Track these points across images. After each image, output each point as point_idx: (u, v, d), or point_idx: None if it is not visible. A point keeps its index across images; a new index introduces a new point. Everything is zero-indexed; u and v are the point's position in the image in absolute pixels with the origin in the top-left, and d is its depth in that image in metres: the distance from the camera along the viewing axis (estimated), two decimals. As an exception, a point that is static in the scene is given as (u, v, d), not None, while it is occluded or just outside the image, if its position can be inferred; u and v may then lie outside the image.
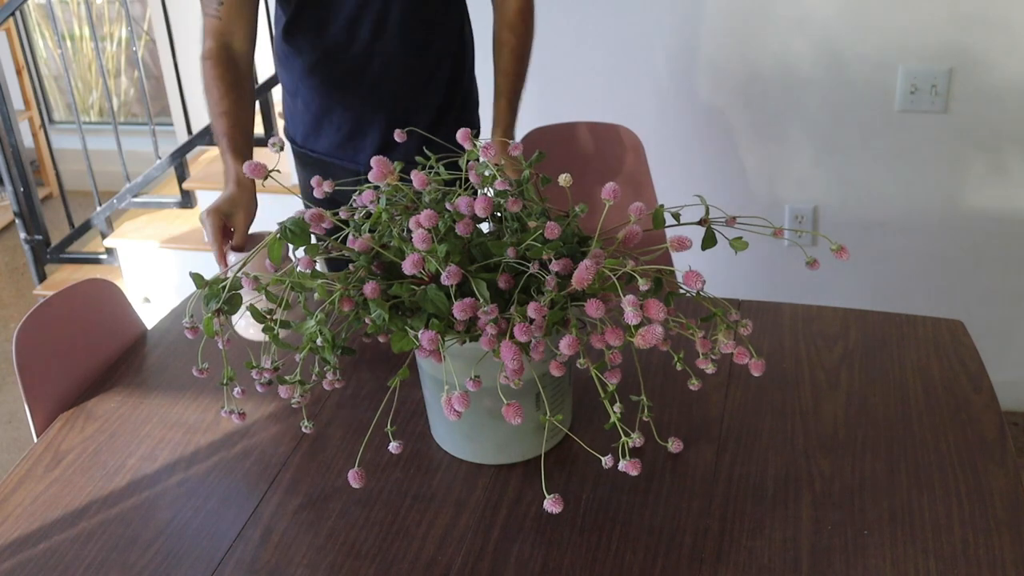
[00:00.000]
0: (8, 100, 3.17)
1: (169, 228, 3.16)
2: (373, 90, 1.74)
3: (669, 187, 2.38)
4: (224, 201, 1.51)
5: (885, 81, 2.25)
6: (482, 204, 1.13)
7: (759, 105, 2.37)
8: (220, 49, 1.58)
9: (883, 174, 2.36)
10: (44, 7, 4.33)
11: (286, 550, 1.19)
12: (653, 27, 2.34)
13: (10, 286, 3.71)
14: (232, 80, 1.58)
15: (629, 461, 1.06)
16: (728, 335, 1.13)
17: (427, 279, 1.11)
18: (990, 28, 2.15)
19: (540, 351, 1.06)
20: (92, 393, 1.52)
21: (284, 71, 1.80)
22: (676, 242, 1.12)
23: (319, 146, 1.82)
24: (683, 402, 1.40)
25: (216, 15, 1.58)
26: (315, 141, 1.82)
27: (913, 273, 2.46)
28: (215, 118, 1.57)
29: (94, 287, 1.64)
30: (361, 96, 1.75)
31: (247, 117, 1.60)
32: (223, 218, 1.48)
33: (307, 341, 1.14)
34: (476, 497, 1.25)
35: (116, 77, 4.53)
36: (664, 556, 1.14)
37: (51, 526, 1.25)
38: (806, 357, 1.49)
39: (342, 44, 1.69)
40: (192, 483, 1.31)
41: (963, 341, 1.50)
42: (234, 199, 1.53)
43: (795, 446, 1.30)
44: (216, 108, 1.57)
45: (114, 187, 3.34)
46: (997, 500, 1.19)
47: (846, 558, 1.12)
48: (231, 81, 1.58)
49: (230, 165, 1.56)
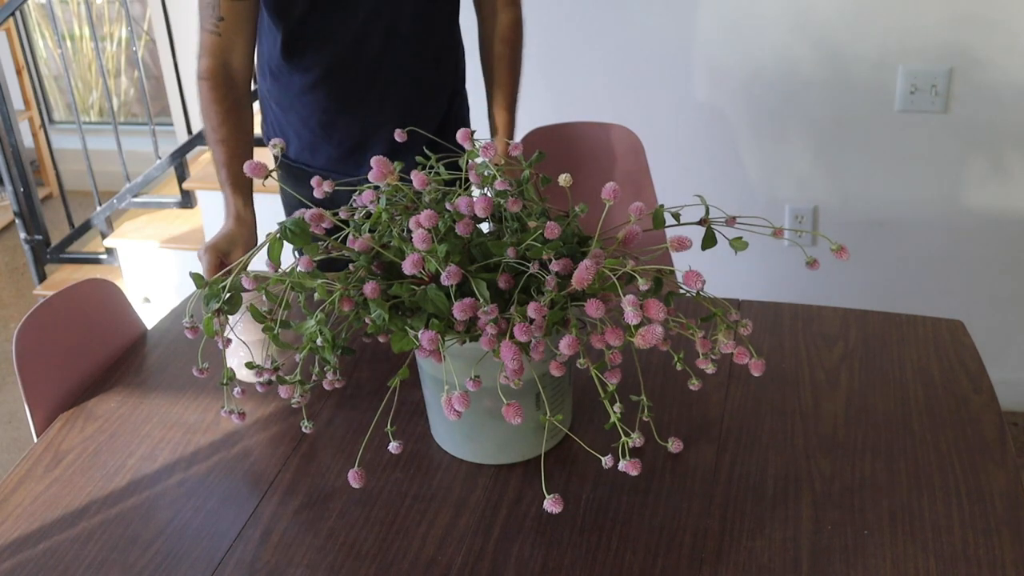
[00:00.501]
0: (8, 100, 3.17)
1: (169, 228, 3.16)
2: (381, 102, 1.72)
3: (669, 187, 2.38)
4: (221, 238, 1.50)
5: (885, 81, 2.25)
6: (482, 204, 1.13)
7: (759, 105, 2.37)
8: (219, 68, 1.54)
9: (883, 174, 2.36)
10: (44, 7, 4.33)
11: (286, 550, 1.19)
12: (653, 27, 2.34)
13: (10, 286, 3.71)
14: (231, 104, 1.55)
15: (629, 461, 1.07)
16: (728, 335, 1.13)
17: (427, 279, 1.11)
18: (990, 28, 2.15)
19: (540, 351, 1.06)
20: (92, 393, 1.52)
21: (277, 88, 1.75)
22: (676, 242, 1.12)
23: (317, 161, 1.79)
24: (683, 402, 1.40)
25: (216, 31, 1.53)
26: (311, 156, 1.79)
27: (913, 273, 2.46)
28: (213, 144, 1.55)
29: (94, 287, 1.64)
30: (368, 108, 1.72)
31: (246, 143, 1.58)
32: (220, 255, 1.47)
33: (307, 341, 1.14)
34: (476, 497, 1.25)
35: (116, 77, 4.53)
36: (664, 556, 1.14)
37: (51, 526, 1.25)
38: (806, 357, 1.49)
39: (351, 56, 1.65)
40: (192, 483, 1.31)
41: (963, 341, 1.50)
42: (232, 236, 1.52)
43: (795, 446, 1.30)
44: (214, 135, 1.55)
45: (114, 187, 3.34)
46: (997, 500, 1.19)
47: (846, 558, 1.12)
48: (229, 105, 1.55)
49: (229, 199, 1.55)
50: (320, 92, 1.70)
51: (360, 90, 1.70)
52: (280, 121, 1.80)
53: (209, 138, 1.56)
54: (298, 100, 1.73)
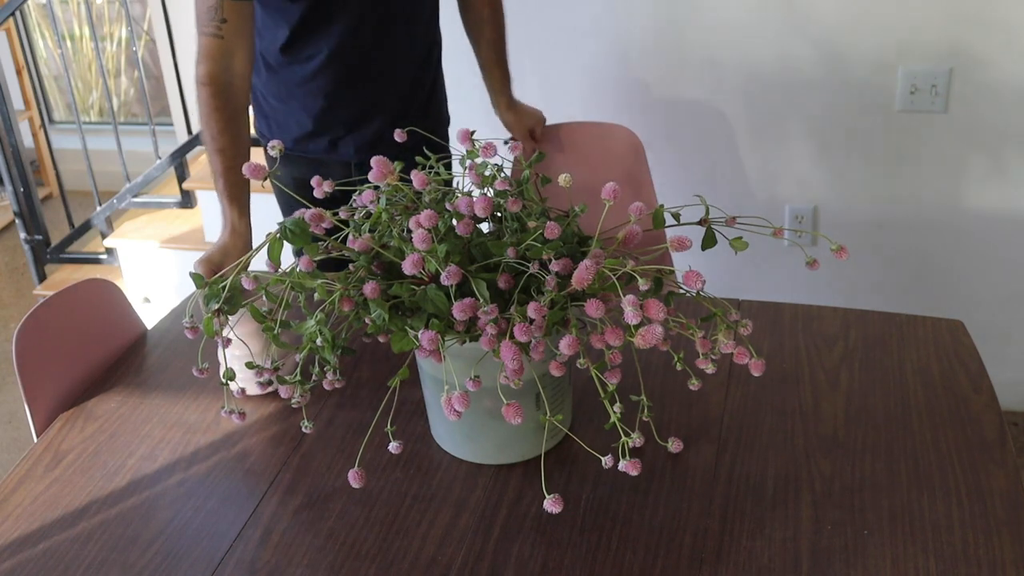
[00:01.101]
0: (8, 100, 3.17)
1: (169, 228, 3.16)
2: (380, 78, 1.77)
3: (669, 187, 2.38)
4: (215, 251, 1.51)
5: (885, 81, 2.25)
6: (482, 204, 1.13)
7: (759, 105, 2.36)
8: (220, 73, 1.53)
9: (883, 174, 2.36)
10: (44, 7, 4.33)
11: (286, 550, 1.19)
12: (653, 27, 2.34)
13: (10, 286, 3.71)
14: (231, 113, 1.54)
15: (629, 461, 1.06)
16: (728, 335, 1.13)
17: (427, 279, 1.11)
18: (990, 28, 2.14)
19: (540, 351, 1.06)
20: (92, 393, 1.52)
21: (275, 81, 1.78)
22: (676, 242, 1.12)
23: (313, 147, 1.83)
24: (683, 402, 1.40)
25: (218, 33, 1.52)
26: (307, 143, 1.82)
27: (913, 273, 2.46)
28: (211, 152, 1.55)
29: (94, 287, 1.64)
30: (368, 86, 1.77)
31: (244, 154, 1.57)
32: (214, 267, 1.47)
33: (307, 341, 1.14)
34: (476, 497, 1.25)
35: (116, 77, 4.53)
36: (664, 556, 1.14)
37: (51, 526, 1.25)
38: (806, 357, 1.49)
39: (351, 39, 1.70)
40: (192, 483, 1.31)
41: (963, 341, 1.50)
42: (225, 249, 1.52)
43: (795, 446, 1.30)
44: (213, 143, 1.54)
45: (114, 187, 3.33)
46: (997, 500, 1.19)
47: (846, 558, 1.12)
48: (229, 115, 1.54)
49: (226, 210, 1.55)
50: (321, 79, 1.74)
51: (360, 70, 1.75)
52: (279, 113, 1.82)
53: (208, 146, 1.56)
54: (299, 89, 1.77)
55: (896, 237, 2.42)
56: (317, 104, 1.77)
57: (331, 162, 1.84)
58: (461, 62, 1.97)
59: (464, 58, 1.96)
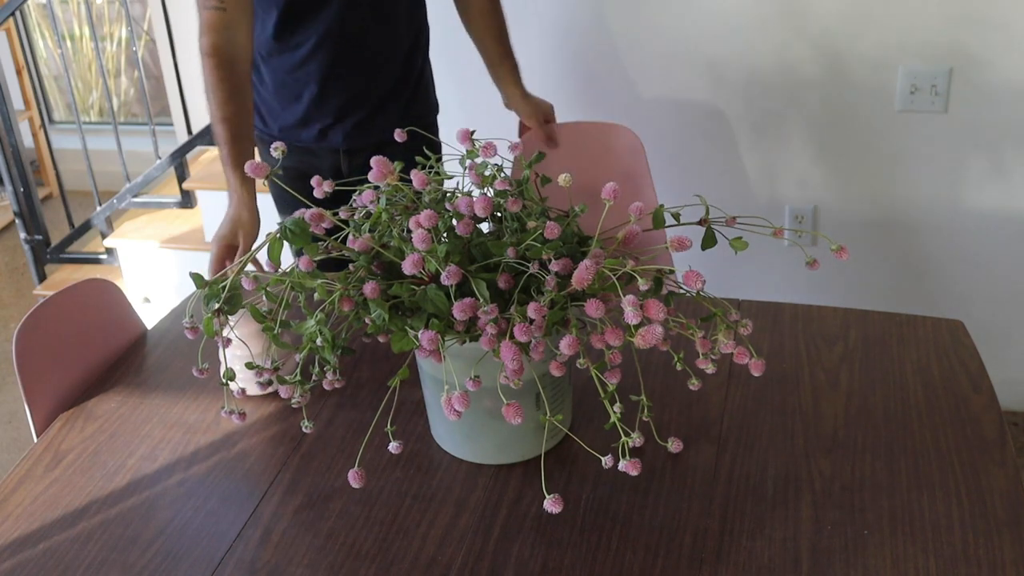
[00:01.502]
0: (8, 100, 3.17)
1: (169, 228, 3.16)
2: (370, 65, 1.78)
3: (669, 187, 2.38)
4: (225, 225, 1.53)
5: (885, 81, 2.25)
6: (482, 204, 1.13)
7: (759, 105, 2.36)
8: (224, 44, 1.54)
9: (883, 174, 2.36)
10: (44, 7, 4.33)
11: (286, 550, 1.19)
12: (653, 27, 2.34)
13: (10, 286, 3.71)
14: (234, 86, 1.56)
15: (629, 461, 1.06)
16: (728, 335, 1.13)
17: (427, 279, 1.11)
18: (990, 28, 2.14)
19: (540, 351, 1.06)
20: (92, 393, 1.52)
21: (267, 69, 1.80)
22: (676, 242, 1.12)
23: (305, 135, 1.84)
24: (683, 402, 1.40)
25: (221, 6, 1.54)
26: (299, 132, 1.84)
27: (913, 273, 2.46)
28: (216, 122, 1.57)
29: (94, 287, 1.64)
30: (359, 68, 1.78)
31: (249, 124, 1.60)
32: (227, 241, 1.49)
33: (307, 341, 1.14)
34: (476, 497, 1.25)
35: (116, 77, 4.53)
36: (664, 556, 1.14)
37: (51, 526, 1.25)
38: (806, 357, 1.49)
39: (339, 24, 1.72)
40: (192, 483, 1.31)
41: (963, 341, 1.50)
42: (235, 220, 1.54)
43: (795, 446, 1.30)
44: (219, 112, 1.56)
45: (114, 187, 3.33)
46: (997, 500, 1.19)
47: (846, 558, 1.12)
48: (234, 84, 1.56)
49: (231, 178, 1.57)
50: (311, 65, 1.76)
51: (350, 56, 1.76)
52: (269, 100, 1.84)
53: (213, 116, 1.57)
54: (289, 77, 1.78)
55: (896, 237, 2.42)
56: (308, 91, 1.78)
57: (321, 151, 1.85)
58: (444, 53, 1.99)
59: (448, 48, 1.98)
